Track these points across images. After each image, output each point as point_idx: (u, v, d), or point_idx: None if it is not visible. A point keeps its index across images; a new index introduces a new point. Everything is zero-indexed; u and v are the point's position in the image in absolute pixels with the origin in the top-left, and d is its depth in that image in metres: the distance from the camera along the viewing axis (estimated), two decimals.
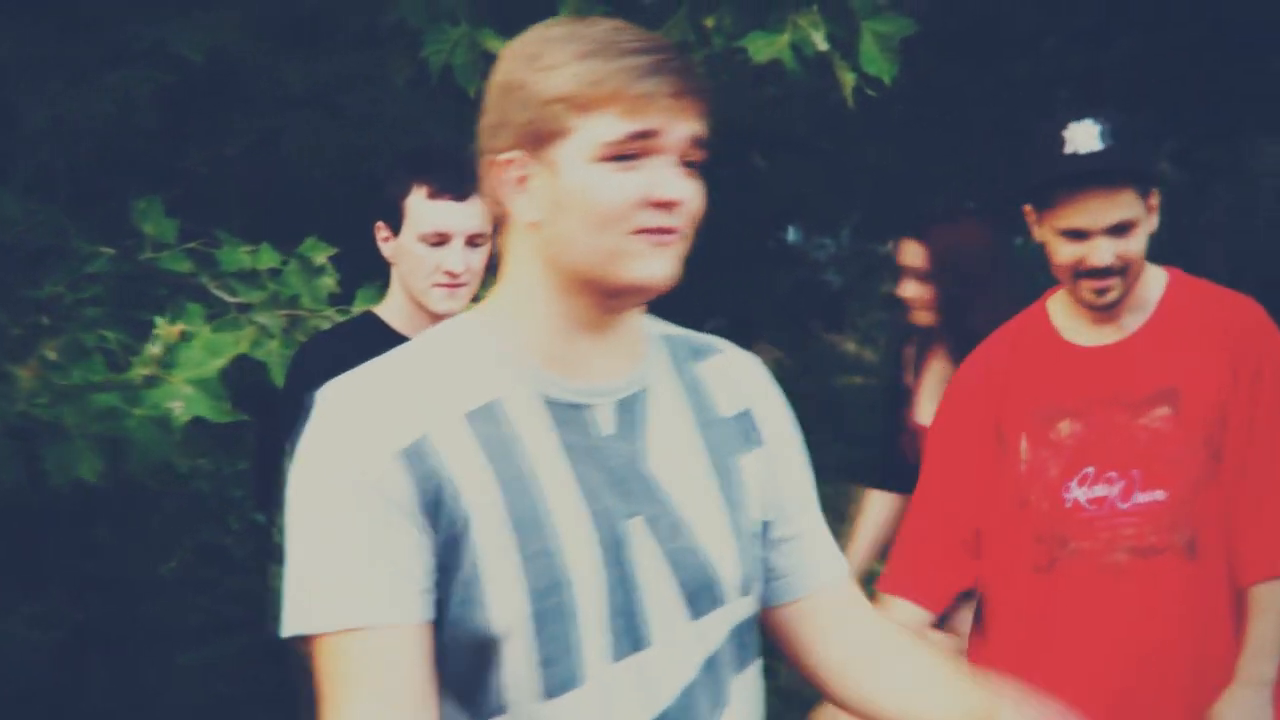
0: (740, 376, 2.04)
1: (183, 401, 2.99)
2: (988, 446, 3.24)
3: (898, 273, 4.28)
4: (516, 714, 1.79)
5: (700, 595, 1.87)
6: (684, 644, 1.86)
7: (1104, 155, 3.00)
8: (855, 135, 6.66)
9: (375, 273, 3.39)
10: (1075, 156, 2.99)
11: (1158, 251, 3.10)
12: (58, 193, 3.54)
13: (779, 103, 6.56)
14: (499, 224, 1.89)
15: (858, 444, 12.09)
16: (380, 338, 3.06)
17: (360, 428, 1.76)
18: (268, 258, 3.40)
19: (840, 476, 11.49)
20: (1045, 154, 3.05)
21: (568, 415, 1.84)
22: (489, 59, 3.30)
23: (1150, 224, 3.04)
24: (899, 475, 4.18)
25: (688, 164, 1.82)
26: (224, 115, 4.53)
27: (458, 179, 3.14)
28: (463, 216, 3.19)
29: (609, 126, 1.77)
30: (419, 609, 1.76)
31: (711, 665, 1.90)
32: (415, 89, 4.50)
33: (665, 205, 1.79)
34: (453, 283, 3.20)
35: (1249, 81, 7.55)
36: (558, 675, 1.78)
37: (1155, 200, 3.04)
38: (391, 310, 3.30)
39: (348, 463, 1.74)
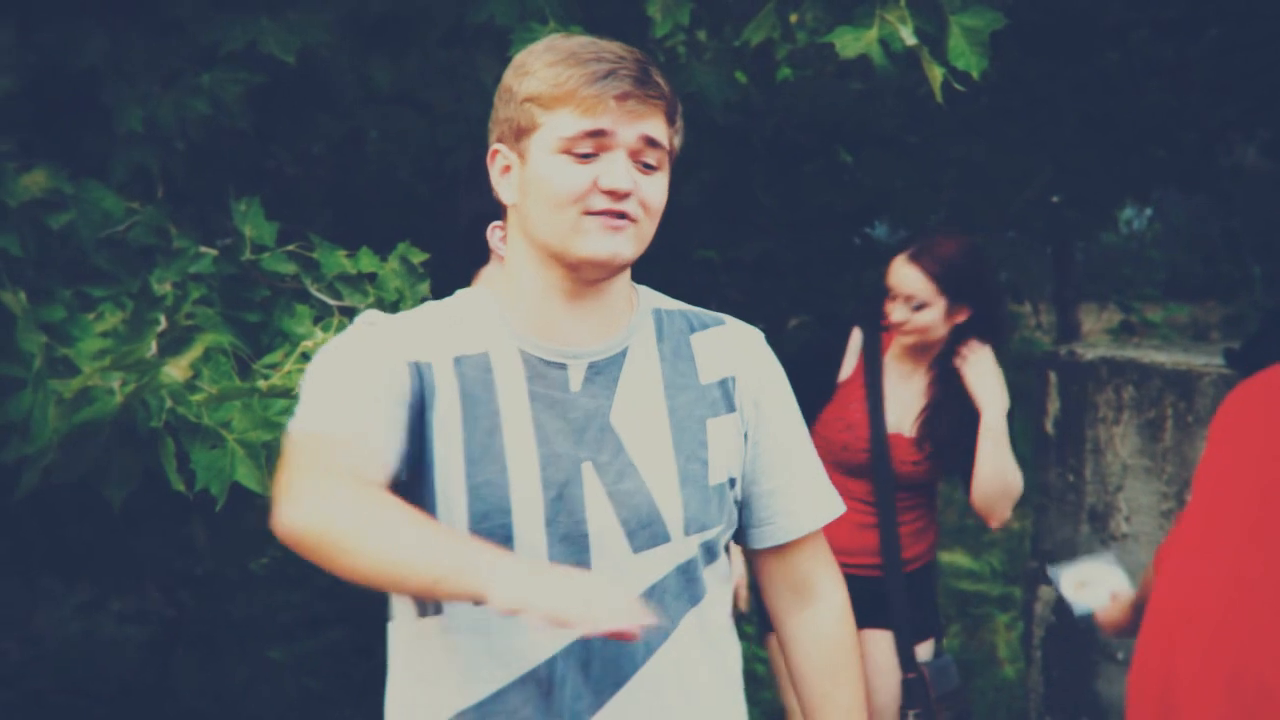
0: (732, 348, 2.38)
1: None
2: None
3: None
4: (453, 616, 2.18)
5: (640, 531, 2.22)
6: (625, 572, 2.20)
7: None
8: (942, 129, 6.62)
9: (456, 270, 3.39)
10: None
11: (1245, 246, 3.07)
12: (153, 193, 3.57)
13: (866, 98, 6.54)
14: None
15: None
16: None
17: (387, 336, 2.20)
18: (367, 261, 3.41)
19: None
20: None
21: (541, 370, 2.23)
22: None
23: None
24: None
25: (645, 164, 2.18)
26: (311, 114, 4.56)
27: None
28: None
29: (566, 123, 2.14)
30: (383, 443, 2.09)
31: (654, 593, 2.22)
32: None
33: (612, 193, 2.14)
34: None
35: None
36: None
37: None
38: None
39: (371, 348, 2.17)
